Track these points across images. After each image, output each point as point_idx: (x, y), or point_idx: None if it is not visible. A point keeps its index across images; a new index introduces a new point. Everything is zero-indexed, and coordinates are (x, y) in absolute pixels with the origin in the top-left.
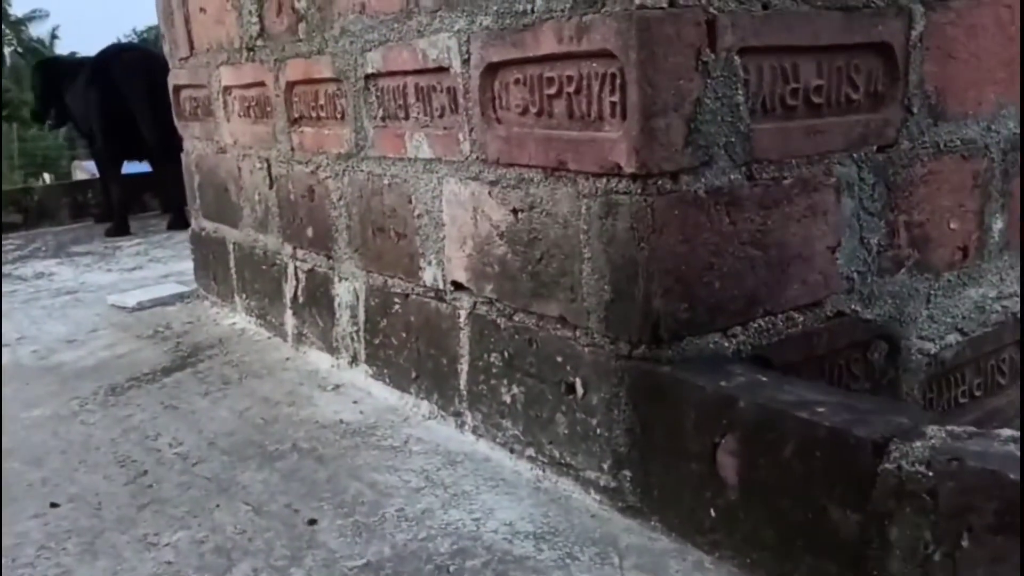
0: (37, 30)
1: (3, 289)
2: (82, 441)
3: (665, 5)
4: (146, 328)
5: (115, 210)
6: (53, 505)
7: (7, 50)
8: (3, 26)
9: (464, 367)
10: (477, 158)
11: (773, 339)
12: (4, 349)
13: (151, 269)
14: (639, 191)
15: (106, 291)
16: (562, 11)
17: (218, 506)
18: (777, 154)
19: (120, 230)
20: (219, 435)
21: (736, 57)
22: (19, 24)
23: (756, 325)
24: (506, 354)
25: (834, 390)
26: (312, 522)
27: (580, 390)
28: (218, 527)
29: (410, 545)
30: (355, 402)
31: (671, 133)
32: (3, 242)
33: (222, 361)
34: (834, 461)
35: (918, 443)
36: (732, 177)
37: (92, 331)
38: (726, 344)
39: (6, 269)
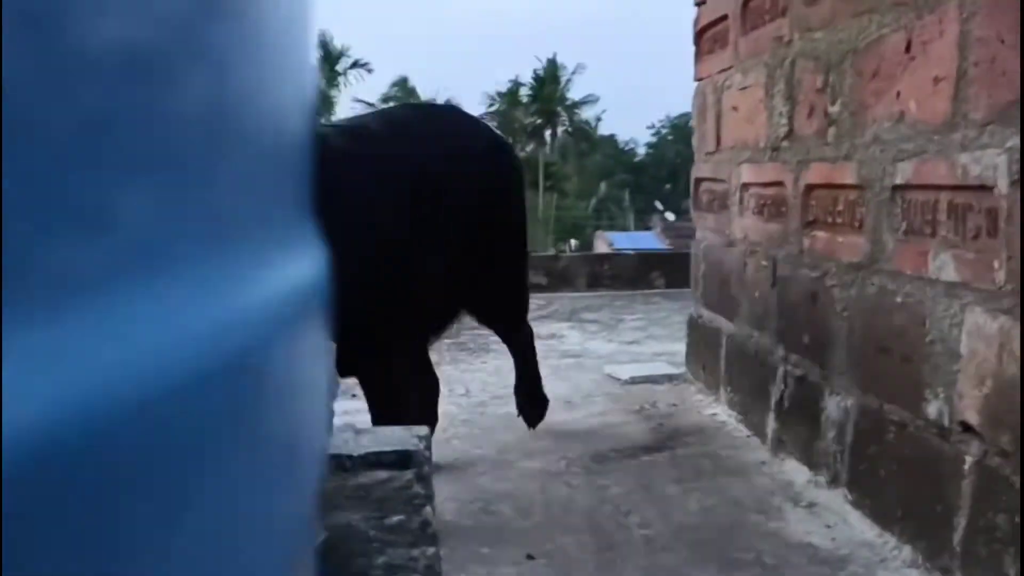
0: (586, 113)
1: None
2: (563, 502)
3: None
4: (634, 402)
5: None
6: (529, 557)
7: (559, 129)
8: (559, 108)
9: (962, 521)
10: (1013, 290)
11: None
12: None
13: (647, 345)
14: None
15: (604, 360)
16: None
17: None
18: None
19: None
20: (684, 527)
21: None
22: (573, 107)
23: None
24: (1016, 519)
25: None
26: None
27: None
28: None
29: None
30: (828, 526)
31: None
32: (531, 302)
33: (699, 451)
34: None
35: None
36: None
37: (587, 396)
38: None
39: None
